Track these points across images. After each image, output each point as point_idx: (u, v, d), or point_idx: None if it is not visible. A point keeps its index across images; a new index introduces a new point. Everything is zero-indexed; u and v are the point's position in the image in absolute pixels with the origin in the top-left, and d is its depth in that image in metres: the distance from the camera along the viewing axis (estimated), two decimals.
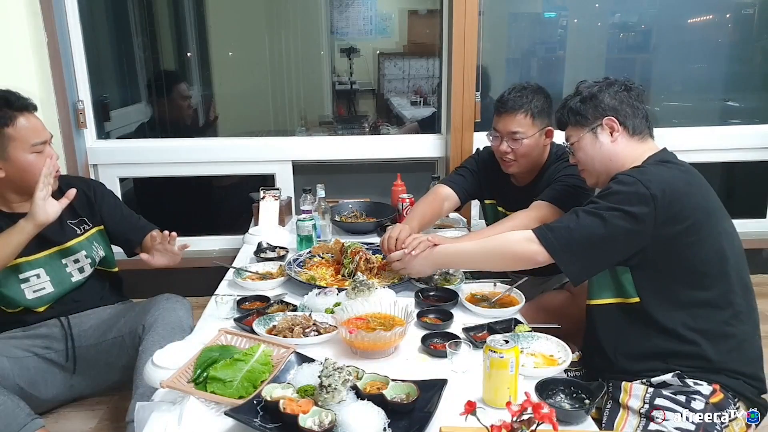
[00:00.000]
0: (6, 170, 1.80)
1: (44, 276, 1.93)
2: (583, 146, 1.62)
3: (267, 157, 3.00)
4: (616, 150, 1.57)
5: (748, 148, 3.04)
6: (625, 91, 1.58)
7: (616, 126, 1.56)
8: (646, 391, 1.43)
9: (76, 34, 2.79)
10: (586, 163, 1.64)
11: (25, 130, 1.79)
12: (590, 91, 1.60)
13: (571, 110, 1.63)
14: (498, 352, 1.21)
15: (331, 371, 1.18)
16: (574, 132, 1.63)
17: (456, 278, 1.92)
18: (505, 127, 2.03)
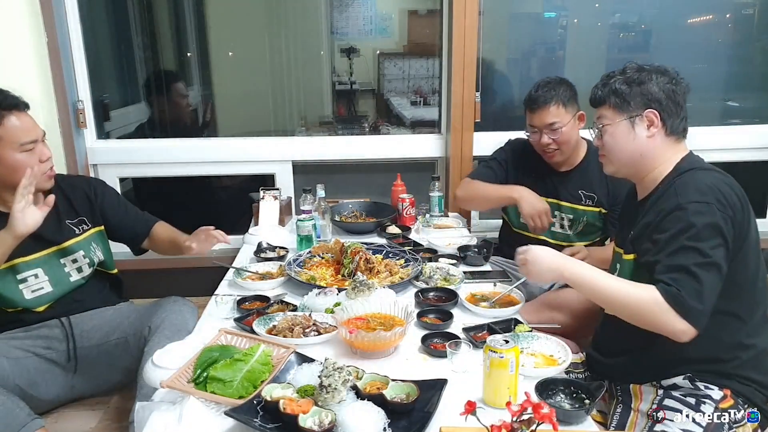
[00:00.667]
0: None
1: (42, 276, 1.91)
2: (615, 132, 1.49)
3: (267, 157, 3.00)
4: (649, 147, 1.47)
5: (748, 148, 3.04)
6: (674, 85, 1.46)
7: (656, 121, 1.45)
8: (656, 393, 1.42)
9: (76, 34, 2.79)
10: (612, 151, 1.52)
11: (14, 129, 1.77)
12: (639, 75, 1.47)
13: (613, 90, 1.48)
14: (498, 352, 1.21)
15: (331, 371, 1.18)
16: (609, 114, 1.50)
17: (456, 278, 1.92)
18: (542, 121, 2.14)
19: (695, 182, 1.39)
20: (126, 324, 1.95)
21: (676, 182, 1.42)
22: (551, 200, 2.24)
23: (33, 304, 1.92)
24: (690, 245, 1.31)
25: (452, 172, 2.86)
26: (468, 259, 2.12)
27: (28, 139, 1.79)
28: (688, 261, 1.30)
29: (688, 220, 1.33)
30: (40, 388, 1.89)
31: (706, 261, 1.30)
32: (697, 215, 1.33)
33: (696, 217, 1.33)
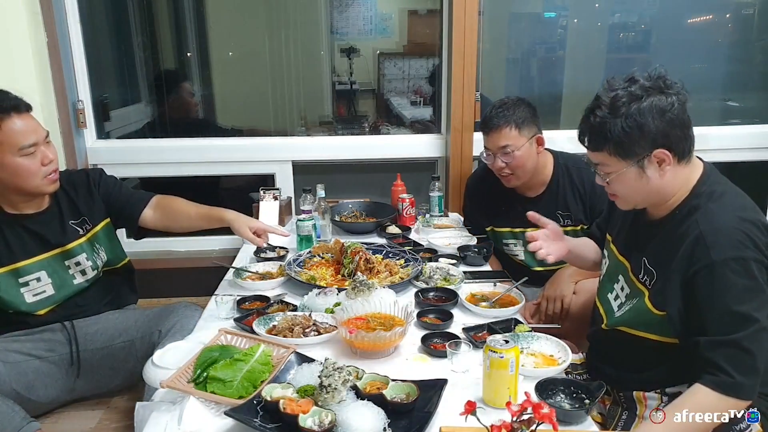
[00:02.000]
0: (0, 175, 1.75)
1: (45, 279, 1.89)
2: (623, 180, 1.34)
3: (267, 157, 3.00)
4: (663, 183, 1.33)
5: (748, 148, 3.04)
6: (678, 106, 1.28)
7: (668, 159, 1.30)
8: (661, 400, 1.41)
9: (76, 34, 2.79)
10: (625, 196, 1.39)
11: (13, 133, 1.71)
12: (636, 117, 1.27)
13: (609, 138, 1.30)
14: (498, 352, 1.21)
15: (331, 371, 1.18)
16: (611, 162, 1.33)
17: (456, 278, 1.92)
18: (495, 144, 2.09)
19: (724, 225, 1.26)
20: (133, 328, 1.95)
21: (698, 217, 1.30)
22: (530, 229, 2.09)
23: (33, 308, 1.90)
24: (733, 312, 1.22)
25: (452, 172, 2.86)
26: (468, 259, 2.12)
27: (28, 142, 1.74)
28: (736, 333, 1.21)
29: (726, 283, 1.22)
30: (39, 391, 1.88)
31: (754, 329, 1.21)
32: (735, 275, 1.22)
33: (735, 278, 1.22)
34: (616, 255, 1.55)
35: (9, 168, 1.73)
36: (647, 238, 1.42)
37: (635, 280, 1.43)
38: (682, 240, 1.30)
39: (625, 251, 1.52)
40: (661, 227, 1.39)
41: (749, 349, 1.21)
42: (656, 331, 1.38)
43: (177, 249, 3.03)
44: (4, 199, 1.83)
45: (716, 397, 1.21)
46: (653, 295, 1.36)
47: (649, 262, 1.39)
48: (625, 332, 1.45)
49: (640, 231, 1.46)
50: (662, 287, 1.33)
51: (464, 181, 2.79)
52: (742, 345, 1.21)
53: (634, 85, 1.30)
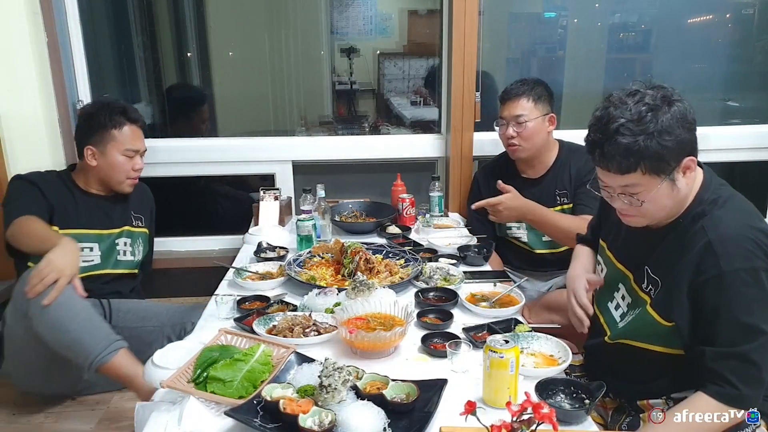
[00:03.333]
0: (99, 162, 2.16)
1: (96, 251, 2.18)
2: (655, 197, 1.28)
3: (267, 157, 3.00)
4: (689, 189, 1.30)
5: (748, 148, 3.04)
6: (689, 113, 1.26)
7: (693, 164, 1.27)
8: (666, 404, 1.40)
9: (76, 34, 2.79)
10: (654, 211, 1.32)
11: (125, 137, 2.16)
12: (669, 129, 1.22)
13: (646, 156, 1.22)
14: (498, 352, 1.21)
15: (331, 371, 1.18)
16: (644, 181, 1.26)
17: (456, 278, 1.92)
18: (510, 113, 2.25)
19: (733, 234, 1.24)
20: (164, 315, 2.16)
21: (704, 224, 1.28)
22: None
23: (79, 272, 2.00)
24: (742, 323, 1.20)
25: (452, 172, 2.86)
26: (468, 259, 2.12)
27: (131, 147, 2.18)
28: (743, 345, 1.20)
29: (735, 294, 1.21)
30: None
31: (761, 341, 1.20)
32: (745, 286, 1.20)
33: (745, 289, 1.20)
34: (614, 263, 1.53)
35: (110, 160, 2.16)
36: (650, 246, 1.39)
37: (638, 289, 1.41)
38: (689, 248, 1.28)
39: (626, 260, 1.49)
40: (664, 235, 1.36)
41: (756, 362, 1.20)
42: (661, 342, 1.36)
43: (177, 249, 3.03)
44: (83, 180, 2.22)
45: (718, 406, 1.21)
46: (656, 303, 1.34)
47: (652, 271, 1.37)
48: (630, 345, 1.42)
49: (640, 239, 1.43)
50: (667, 295, 1.31)
51: (465, 181, 2.79)
52: (749, 357, 1.20)
53: (646, 97, 1.25)
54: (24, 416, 2.10)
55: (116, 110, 2.16)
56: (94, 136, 2.14)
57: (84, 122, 2.18)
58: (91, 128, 2.15)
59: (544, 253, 2.35)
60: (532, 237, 2.35)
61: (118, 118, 2.15)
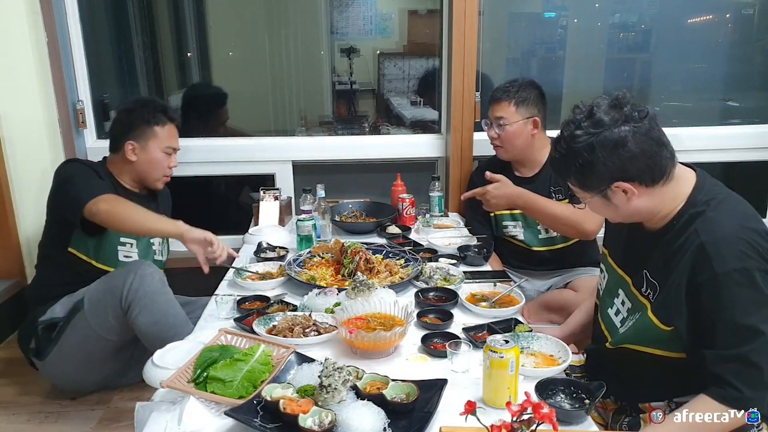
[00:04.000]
0: (139, 157, 2.18)
1: (135, 246, 2.23)
2: (594, 207, 1.39)
3: (267, 157, 3.00)
4: (638, 206, 1.32)
5: (748, 148, 3.04)
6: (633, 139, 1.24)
7: (630, 190, 1.29)
8: (668, 407, 1.40)
9: (76, 34, 2.79)
10: (604, 215, 1.44)
11: (166, 134, 2.21)
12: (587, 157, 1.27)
13: (568, 173, 1.34)
14: (498, 352, 1.20)
15: (331, 371, 1.17)
16: (579, 193, 1.38)
17: (456, 278, 1.92)
18: (493, 114, 2.29)
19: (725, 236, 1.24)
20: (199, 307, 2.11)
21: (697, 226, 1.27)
22: None
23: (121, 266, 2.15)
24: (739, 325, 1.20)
25: (452, 172, 2.86)
26: (468, 259, 2.12)
27: (171, 145, 2.23)
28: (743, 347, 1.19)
29: (730, 296, 1.20)
30: None
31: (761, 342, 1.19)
32: (739, 287, 1.20)
33: (740, 290, 1.20)
34: (614, 268, 1.53)
35: (150, 155, 2.19)
36: (647, 250, 1.39)
37: (637, 293, 1.41)
38: (683, 251, 1.28)
39: (625, 265, 1.49)
40: (659, 238, 1.36)
41: (757, 363, 1.20)
42: (663, 346, 1.36)
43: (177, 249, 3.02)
44: (126, 178, 2.23)
45: (721, 408, 1.21)
46: (656, 308, 1.34)
47: (650, 275, 1.37)
48: (630, 349, 1.42)
49: (638, 243, 1.44)
50: (665, 300, 1.31)
51: (465, 181, 2.79)
52: (750, 359, 1.20)
53: (588, 119, 1.28)
54: (24, 416, 2.10)
55: (158, 107, 2.21)
56: (136, 131, 2.16)
57: (126, 117, 2.19)
58: (133, 123, 2.17)
59: (542, 250, 2.35)
60: (528, 235, 2.35)
61: (160, 115, 2.19)
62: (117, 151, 2.20)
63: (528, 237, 2.35)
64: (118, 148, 2.19)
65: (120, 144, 2.18)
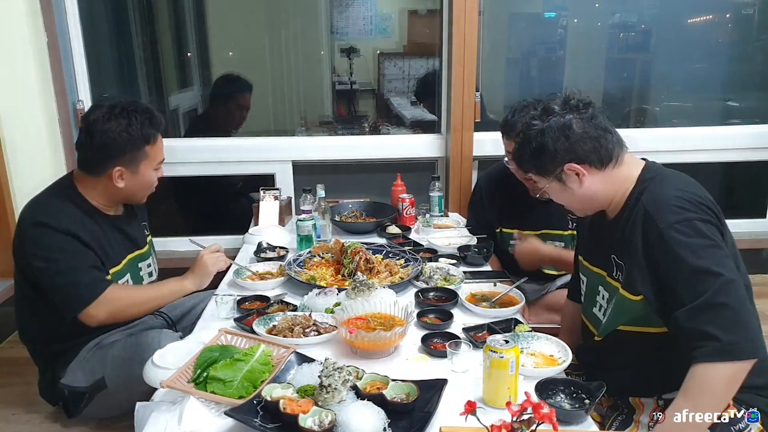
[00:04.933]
0: (127, 182, 1.82)
1: (129, 280, 1.95)
2: (553, 193, 1.48)
3: (267, 157, 3.00)
4: (592, 189, 1.42)
5: (748, 148, 3.04)
6: (578, 124, 1.38)
7: (582, 170, 1.39)
8: (657, 404, 1.41)
9: (76, 34, 2.79)
10: (565, 203, 1.51)
11: (158, 149, 1.86)
12: (538, 140, 1.40)
13: (525, 162, 1.47)
14: (498, 352, 1.21)
15: (331, 371, 1.18)
16: (537, 179, 1.48)
17: (456, 278, 1.92)
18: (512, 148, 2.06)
19: (663, 196, 1.32)
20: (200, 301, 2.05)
21: (642, 198, 1.36)
22: (543, 231, 2.19)
23: None
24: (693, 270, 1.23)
25: (452, 172, 2.86)
26: (468, 259, 2.12)
27: (162, 158, 1.91)
28: (705, 293, 1.21)
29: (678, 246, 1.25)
30: None
31: (720, 282, 1.21)
32: (685, 236, 1.26)
33: (685, 239, 1.25)
34: (590, 269, 1.57)
35: (143, 178, 1.85)
36: (610, 236, 1.45)
37: (612, 281, 1.46)
38: (635, 223, 1.35)
39: (597, 260, 1.54)
40: (618, 221, 1.43)
41: (723, 304, 1.21)
42: (641, 322, 1.39)
43: (177, 249, 3.03)
44: (102, 200, 1.87)
45: (715, 367, 1.20)
46: (625, 284, 1.39)
47: (617, 258, 1.43)
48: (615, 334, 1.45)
49: (603, 234, 1.50)
50: (630, 272, 1.37)
51: (465, 181, 2.79)
52: (715, 302, 1.21)
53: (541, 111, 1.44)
54: (24, 416, 2.10)
55: (145, 119, 1.79)
56: (125, 156, 1.79)
57: (110, 140, 1.75)
58: (121, 147, 1.77)
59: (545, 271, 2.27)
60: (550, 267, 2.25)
61: (150, 131, 1.81)
62: (97, 174, 1.81)
63: None
64: (100, 173, 1.80)
65: (103, 169, 1.79)
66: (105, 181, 1.81)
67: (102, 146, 1.76)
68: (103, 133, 1.75)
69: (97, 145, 1.76)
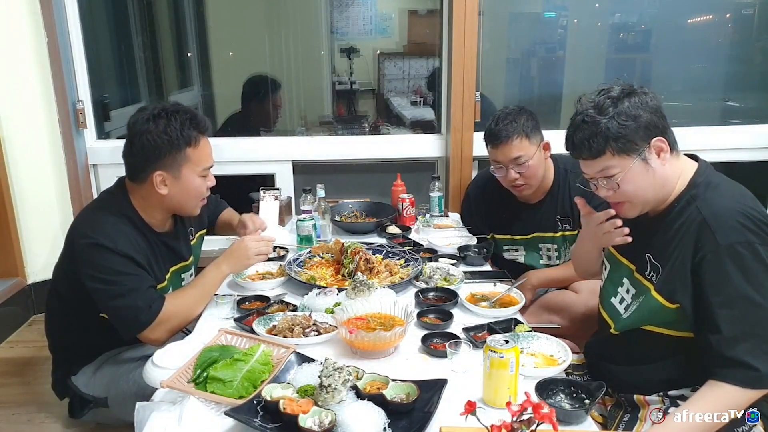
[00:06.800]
0: (171, 189, 1.73)
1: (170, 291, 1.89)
2: (632, 178, 1.35)
3: (267, 157, 3.00)
4: (667, 173, 1.35)
5: (748, 148, 3.04)
6: (654, 101, 1.35)
7: (665, 146, 1.34)
8: (663, 403, 1.41)
9: (76, 34, 2.79)
10: (636, 196, 1.38)
11: (201, 153, 1.74)
12: (628, 111, 1.32)
13: (610, 136, 1.32)
14: (498, 352, 1.21)
15: (331, 371, 1.18)
16: (615, 162, 1.34)
17: (456, 278, 1.92)
18: (506, 156, 2.05)
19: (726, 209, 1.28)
20: None
21: (698, 204, 1.32)
22: (533, 235, 2.20)
23: None
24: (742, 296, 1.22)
25: (452, 172, 2.86)
26: (468, 259, 2.12)
27: (208, 164, 1.78)
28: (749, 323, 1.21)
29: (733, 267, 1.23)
30: None
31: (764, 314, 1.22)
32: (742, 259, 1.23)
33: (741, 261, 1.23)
34: (616, 257, 1.54)
35: (186, 183, 1.74)
36: (649, 234, 1.42)
37: (641, 277, 1.43)
38: (685, 228, 1.31)
39: (627, 252, 1.51)
40: (661, 221, 1.40)
41: (765, 336, 1.21)
42: (668, 326, 1.38)
43: None
44: (152, 218, 1.80)
45: (746, 393, 1.22)
46: (659, 287, 1.36)
47: (654, 258, 1.39)
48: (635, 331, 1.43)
49: (639, 228, 1.46)
50: (668, 277, 1.34)
51: (465, 181, 2.79)
52: (757, 333, 1.21)
53: (610, 91, 1.36)
54: (24, 416, 2.10)
55: (186, 120, 1.70)
56: (165, 159, 1.70)
57: (148, 143, 1.68)
58: (160, 150, 1.68)
59: None
60: (529, 258, 2.26)
61: (190, 131, 1.70)
62: (141, 181, 1.74)
63: (529, 260, 2.26)
64: (143, 179, 1.73)
65: (145, 174, 1.72)
66: (149, 188, 1.73)
67: (141, 149, 1.69)
68: (141, 135, 1.68)
69: (137, 149, 1.70)
